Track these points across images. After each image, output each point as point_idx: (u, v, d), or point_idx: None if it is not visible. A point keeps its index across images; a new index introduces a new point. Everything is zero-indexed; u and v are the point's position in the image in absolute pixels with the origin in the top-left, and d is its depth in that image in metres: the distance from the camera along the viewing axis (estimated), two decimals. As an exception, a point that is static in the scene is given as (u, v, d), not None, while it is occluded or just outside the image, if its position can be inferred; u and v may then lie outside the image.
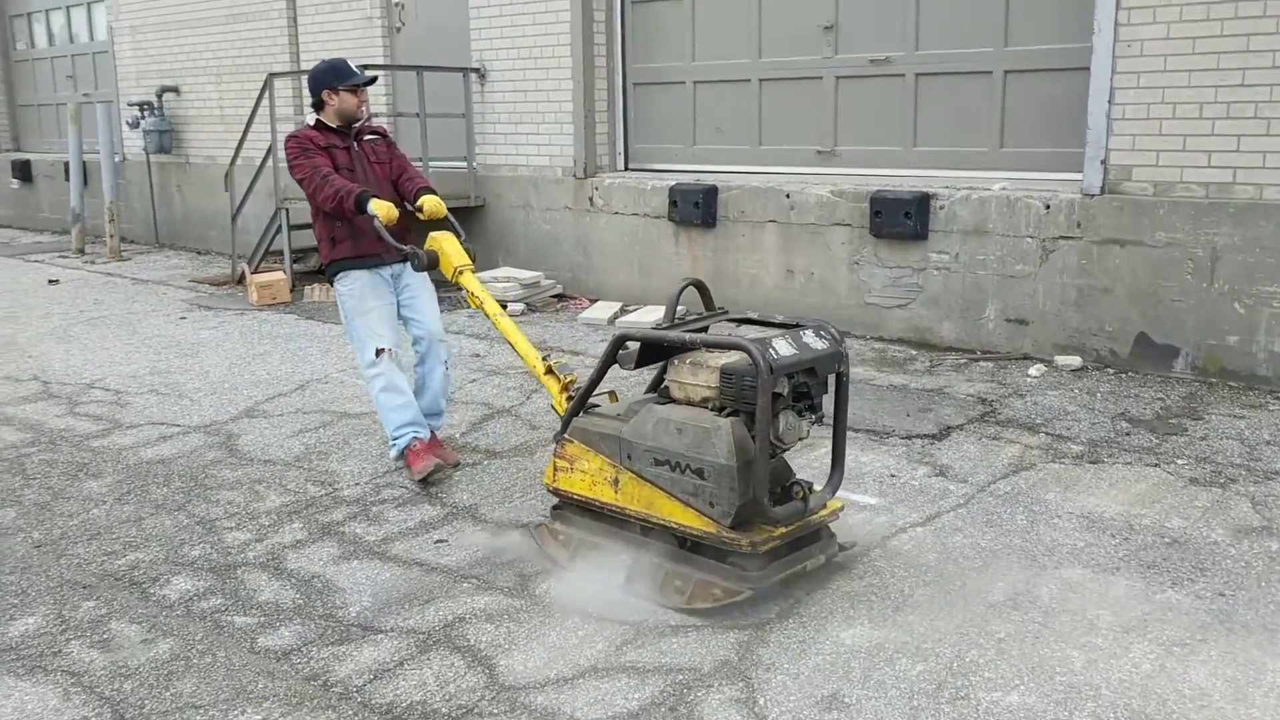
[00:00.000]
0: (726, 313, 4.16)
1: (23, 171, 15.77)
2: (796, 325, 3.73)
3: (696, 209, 8.08)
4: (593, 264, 9.02)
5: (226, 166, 10.83)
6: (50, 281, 10.87)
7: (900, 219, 7.06)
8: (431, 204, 5.05)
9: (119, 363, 7.50)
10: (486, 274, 9.10)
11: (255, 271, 9.73)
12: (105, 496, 4.99)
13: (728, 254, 8.11)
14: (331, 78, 5.10)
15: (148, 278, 11.14)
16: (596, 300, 8.92)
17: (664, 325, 3.94)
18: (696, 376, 3.65)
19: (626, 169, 9.19)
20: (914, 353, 7.10)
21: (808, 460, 4.89)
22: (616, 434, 3.76)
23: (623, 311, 8.42)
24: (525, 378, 6.56)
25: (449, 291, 7.23)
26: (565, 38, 8.83)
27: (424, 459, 4.97)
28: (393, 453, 5.15)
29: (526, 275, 8.94)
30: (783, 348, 3.49)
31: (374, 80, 5.25)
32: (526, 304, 8.78)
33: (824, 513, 3.79)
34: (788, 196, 7.73)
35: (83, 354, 7.77)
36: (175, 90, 12.81)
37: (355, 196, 4.80)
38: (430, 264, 4.88)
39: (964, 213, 6.91)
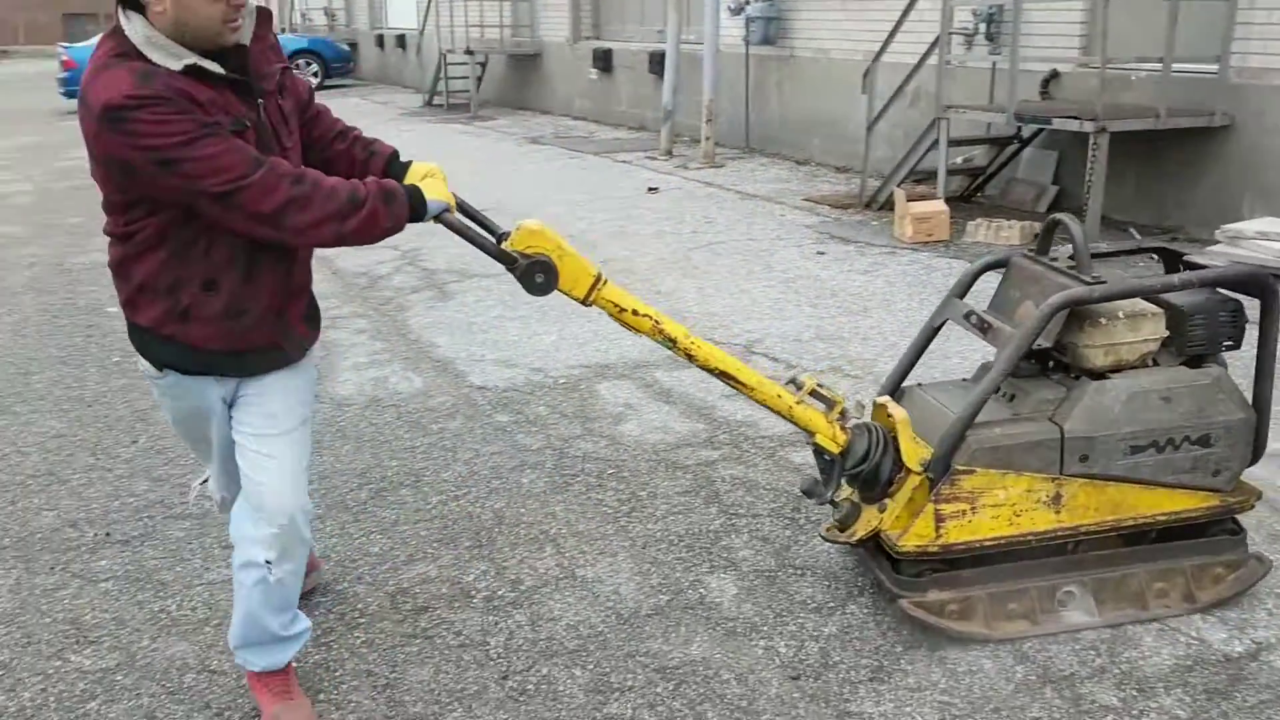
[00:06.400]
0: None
1: (603, 61, 15.05)
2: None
3: None
4: None
5: (844, 63, 8.94)
6: (649, 189, 9.68)
7: None
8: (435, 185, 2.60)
9: (768, 314, 5.86)
10: (1246, 225, 6.42)
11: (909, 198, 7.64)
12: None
13: None
14: None
15: (753, 191, 9.59)
16: None
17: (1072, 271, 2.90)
18: (1140, 330, 2.85)
19: None
20: None
21: None
22: (1054, 437, 2.81)
23: None
24: None
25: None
26: None
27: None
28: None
29: (1319, 234, 6.13)
30: None
31: None
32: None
33: None
34: None
35: (719, 295, 6.24)
36: (788, -30, 11.11)
37: (410, 197, 2.43)
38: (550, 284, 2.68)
39: None
